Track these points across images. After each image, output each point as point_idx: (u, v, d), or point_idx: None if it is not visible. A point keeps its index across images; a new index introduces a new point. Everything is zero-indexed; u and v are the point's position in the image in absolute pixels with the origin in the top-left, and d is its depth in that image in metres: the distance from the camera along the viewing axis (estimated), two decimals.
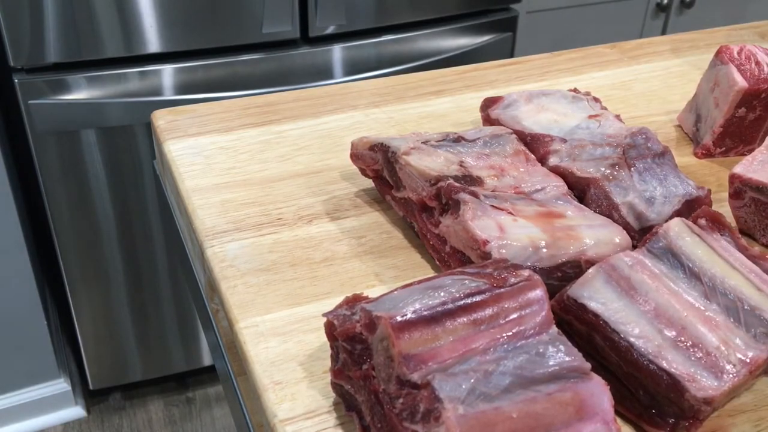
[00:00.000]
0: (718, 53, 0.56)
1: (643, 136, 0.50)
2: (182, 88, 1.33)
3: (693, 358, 0.37)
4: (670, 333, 0.38)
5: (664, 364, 0.36)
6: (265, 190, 0.54)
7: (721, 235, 0.43)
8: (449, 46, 1.48)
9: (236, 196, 0.53)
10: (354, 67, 1.46)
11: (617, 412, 0.38)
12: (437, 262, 0.47)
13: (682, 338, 0.37)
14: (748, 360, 0.37)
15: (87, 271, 1.38)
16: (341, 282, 0.46)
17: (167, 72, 1.31)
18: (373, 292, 0.44)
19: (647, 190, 0.46)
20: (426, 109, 0.64)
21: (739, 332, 0.38)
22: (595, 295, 0.39)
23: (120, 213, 1.35)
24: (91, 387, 1.48)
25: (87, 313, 1.42)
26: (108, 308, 1.43)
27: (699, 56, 0.61)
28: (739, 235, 0.43)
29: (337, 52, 1.44)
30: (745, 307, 0.39)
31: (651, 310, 0.38)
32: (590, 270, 0.40)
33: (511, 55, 1.48)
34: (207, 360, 1.53)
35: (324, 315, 0.37)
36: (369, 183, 0.54)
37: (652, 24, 1.56)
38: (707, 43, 0.70)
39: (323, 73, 1.43)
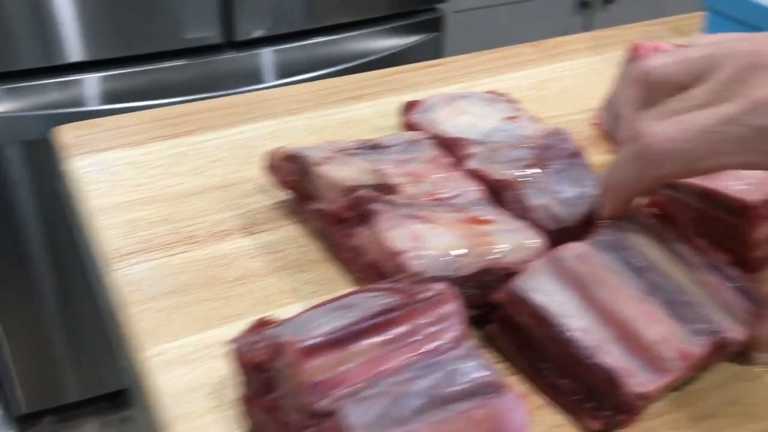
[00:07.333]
0: (629, 51, 0.56)
1: (559, 137, 0.50)
2: (106, 97, 1.29)
3: (632, 353, 0.37)
4: (611, 327, 0.37)
5: (603, 358, 0.36)
6: (176, 207, 0.51)
7: (669, 225, 0.42)
8: (380, 47, 1.47)
9: (145, 215, 0.51)
10: (285, 71, 1.44)
11: (556, 402, 0.38)
12: (356, 275, 0.45)
13: (622, 333, 0.37)
14: (685, 355, 0.37)
15: (14, 290, 1.32)
16: (255, 301, 0.44)
17: (90, 82, 1.27)
18: (288, 310, 0.43)
19: (562, 191, 0.46)
20: (346, 115, 0.63)
21: (679, 328, 0.38)
22: (540, 286, 0.39)
23: (47, 229, 1.30)
24: (22, 411, 1.42)
25: (15, 333, 1.36)
26: (37, 327, 1.37)
27: (617, 53, 0.62)
28: (686, 226, 0.43)
29: (267, 55, 1.41)
30: (686, 303, 0.39)
31: (594, 304, 0.38)
32: (536, 261, 0.40)
33: (441, 55, 1.48)
34: None
35: (228, 343, 0.35)
36: (286, 194, 0.52)
37: (576, 20, 1.58)
38: (625, 40, 0.70)
39: (253, 77, 1.41)
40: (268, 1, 1.32)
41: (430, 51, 1.47)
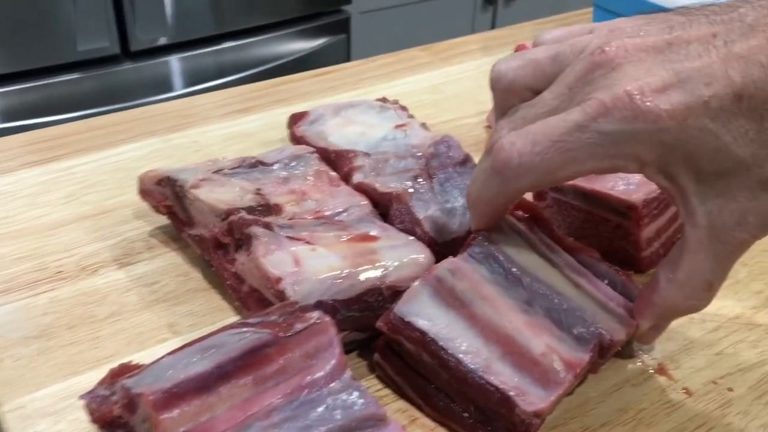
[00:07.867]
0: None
1: (446, 144, 0.48)
2: (2, 115, 1.22)
3: (520, 370, 0.35)
4: (498, 344, 0.36)
5: (493, 379, 0.35)
6: (44, 240, 0.48)
7: (538, 227, 0.41)
8: (290, 50, 1.45)
9: (8, 251, 0.47)
10: (194, 78, 1.39)
11: (448, 426, 0.36)
12: (237, 303, 0.43)
13: (508, 349, 0.36)
14: (572, 365, 0.36)
15: None
16: (128, 340, 0.41)
17: None
18: (165, 347, 0.40)
19: (448, 201, 0.45)
20: (233, 129, 0.60)
21: (563, 335, 0.37)
22: (422, 310, 0.37)
23: None
24: None
25: None
26: None
27: (507, 53, 0.61)
28: (555, 227, 0.42)
29: (174, 63, 1.37)
30: (565, 308, 0.38)
31: (478, 322, 0.37)
32: (415, 284, 0.38)
33: (349, 58, 1.46)
34: None
35: (81, 398, 0.32)
36: (165, 220, 0.49)
37: (483, 18, 1.59)
38: (515, 40, 0.70)
39: (161, 86, 1.36)
40: (166, 9, 1.27)
41: (339, 53, 1.45)
